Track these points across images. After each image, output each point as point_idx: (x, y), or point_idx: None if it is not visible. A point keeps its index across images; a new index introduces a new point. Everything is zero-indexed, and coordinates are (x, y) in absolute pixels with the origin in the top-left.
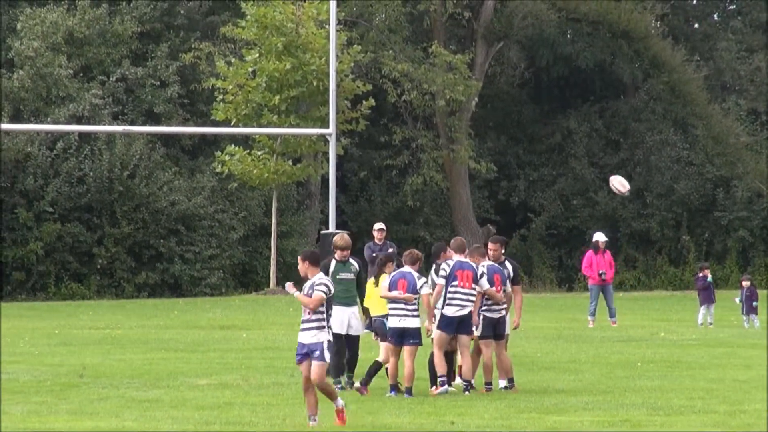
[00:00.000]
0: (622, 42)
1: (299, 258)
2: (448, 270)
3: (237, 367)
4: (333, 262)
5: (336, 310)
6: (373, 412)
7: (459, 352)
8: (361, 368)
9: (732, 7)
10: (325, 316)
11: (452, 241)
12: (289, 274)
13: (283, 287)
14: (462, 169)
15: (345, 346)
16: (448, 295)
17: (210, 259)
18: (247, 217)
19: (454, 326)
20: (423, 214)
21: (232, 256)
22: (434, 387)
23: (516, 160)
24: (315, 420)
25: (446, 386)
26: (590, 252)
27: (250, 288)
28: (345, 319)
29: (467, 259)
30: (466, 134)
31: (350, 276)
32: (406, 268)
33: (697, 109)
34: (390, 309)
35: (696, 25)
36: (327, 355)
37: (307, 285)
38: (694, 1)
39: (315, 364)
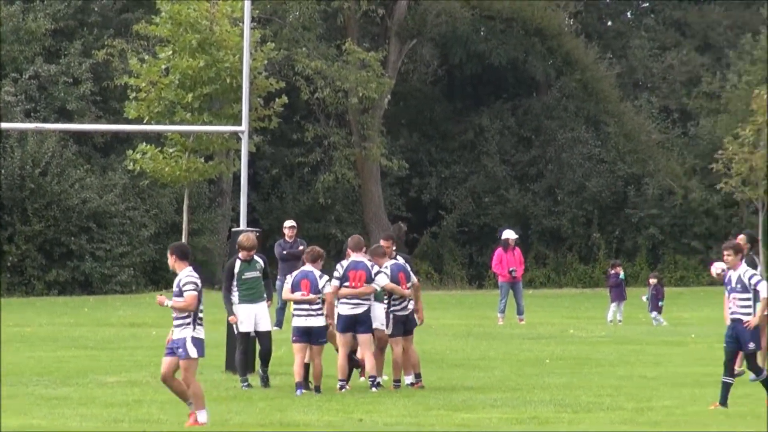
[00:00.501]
0: (535, 39)
1: (168, 251)
2: (342, 271)
3: (146, 365)
4: (238, 262)
5: (243, 308)
6: (282, 409)
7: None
8: (274, 364)
9: (645, 5)
10: (189, 312)
11: (349, 239)
12: (199, 271)
13: None
14: (374, 167)
15: (252, 345)
16: (344, 292)
17: (121, 257)
18: (158, 215)
19: (351, 325)
20: (334, 211)
21: (143, 253)
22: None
23: (428, 158)
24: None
25: (342, 388)
26: (500, 249)
27: (160, 285)
28: (252, 316)
29: (363, 258)
30: (379, 132)
31: (256, 274)
32: (308, 267)
33: (609, 106)
34: (295, 309)
35: (609, 23)
36: (192, 351)
37: (174, 284)
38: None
39: (180, 361)
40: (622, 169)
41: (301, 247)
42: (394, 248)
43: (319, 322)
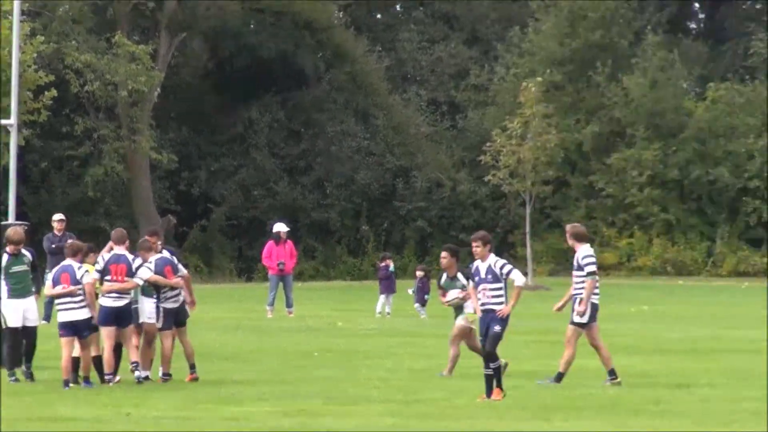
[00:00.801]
0: (305, 32)
1: None
2: (103, 264)
3: None
4: (5, 256)
5: (12, 303)
6: (50, 404)
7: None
8: (44, 358)
9: None
10: None
11: (113, 232)
12: None
13: None
14: (143, 160)
15: (21, 339)
16: (105, 287)
17: None
18: None
19: (113, 318)
20: (104, 204)
21: None
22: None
23: (197, 151)
24: None
25: (117, 378)
26: (271, 242)
27: None
28: (21, 311)
29: (126, 252)
30: (148, 125)
31: (24, 268)
32: (68, 261)
33: (378, 99)
34: (58, 303)
35: (378, 16)
36: None
37: None
38: None
39: None
40: (391, 161)
41: (69, 241)
42: (160, 242)
43: (82, 315)
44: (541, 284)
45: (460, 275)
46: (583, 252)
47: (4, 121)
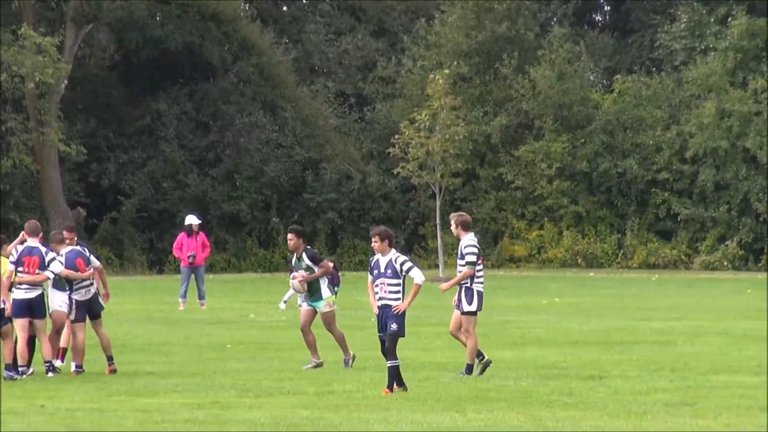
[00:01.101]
0: (211, 24)
1: None
2: (16, 255)
3: None
4: None
5: None
6: None
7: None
8: None
9: None
10: None
11: (26, 224)
12: None
13: None
14: (52, 152)
15: None
16: (16, 279)
17: None
18: None
19: (26, 310)
20: (13, 197)
21: None
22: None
23: (106, 143)
24: None
25: (31, 370)
26: (183, 234)
27: None
28: None
29: (39, 244)
30: (56, 117)
31: None
32: None
33: (285, 91)
34: None
35: (284, 8)
36: None
37: None
38: None
39: None
40: (300, 153)
41: None
42: (75, 237)
43: None
44: (451, 276)
45: (304, 255)
46: (466, 241)
47: None
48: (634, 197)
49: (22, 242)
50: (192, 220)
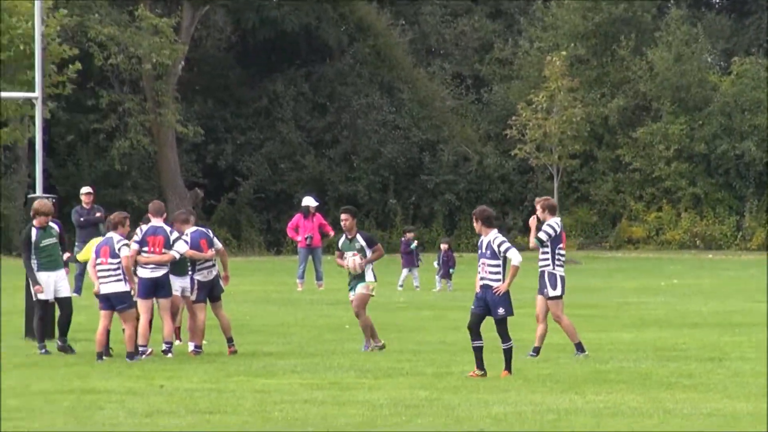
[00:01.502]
0: (328, 6)
1: None
2: (141, 235)
3: None
4: (34, 230)
5: (42, 275)
6: (83, 376)
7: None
8: (75, 330)
9: None
10: None
11: (150, 204)
12: None
13: None
14: (169, 133)
15: (51, 311)
16: (142, 259)
17: None
18: None
19: (151, 289)
20: (131, 177)
21: None
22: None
23: (224, 124)
24: None
25: (150, 350)
26: (299, 216)
27: None
28: (51, 283)
29: (163, 224)
30: (173, 98)
31: (53, 241)
32: (109, 234)
33: (402, 73)
34: (99, 276)
35: None
36: None
37: None
38: None
39: None
40: (417, 135)
41: (98, 214)
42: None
43: (119, 287)
44: (571, 258)
45: (359, 236)
46: (549, 223)
47: (29, 95)
48: (753, 179)
49: (146, 223)
50: (309, 201)
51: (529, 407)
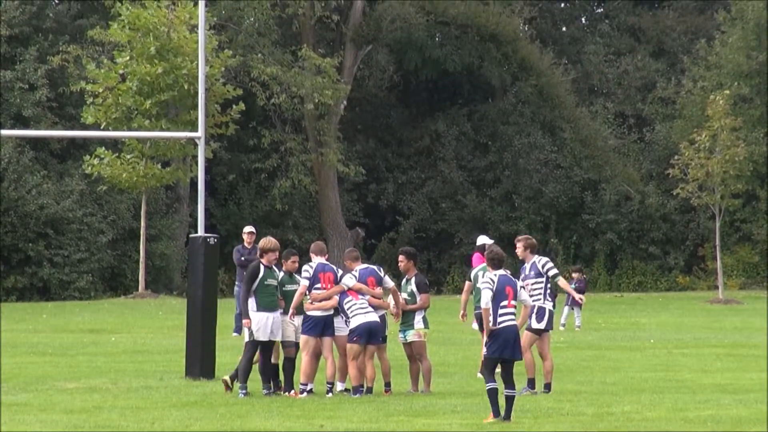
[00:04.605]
0: (491, 45)
1: None
2: (311, 271)
3: (106, 371)
4: (262, 267)
5: (260, 315)
6: (242, 415)
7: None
8: (224, 370)
9: (599, 10)
10: None
11: (312, 245)
12: (158, 277)
13: (153, 291)
14: (331, 173)
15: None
16: (313, 295)
17: (79, 263)
18: (116, 221)
19: (320, 327)
20: (292, 217)
21: (101, 259)
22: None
23: (385, 163)
24: None
25: (304, 392)
26: (478, 254)
27: (119, 291)
28: (269, 325)
29: (327, 262)
30: (335, 137)
31: (275, 283)
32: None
33: (564, 112)
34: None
35: (564, 29)
36: None
37: None
38: (562, 5)
39: None
40: (579, 174)
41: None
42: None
43: (371, 317)
44: (732, 298)
45: (414, 280)
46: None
47: (191, 134)
48: None
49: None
50: (484, 239)
51: None
